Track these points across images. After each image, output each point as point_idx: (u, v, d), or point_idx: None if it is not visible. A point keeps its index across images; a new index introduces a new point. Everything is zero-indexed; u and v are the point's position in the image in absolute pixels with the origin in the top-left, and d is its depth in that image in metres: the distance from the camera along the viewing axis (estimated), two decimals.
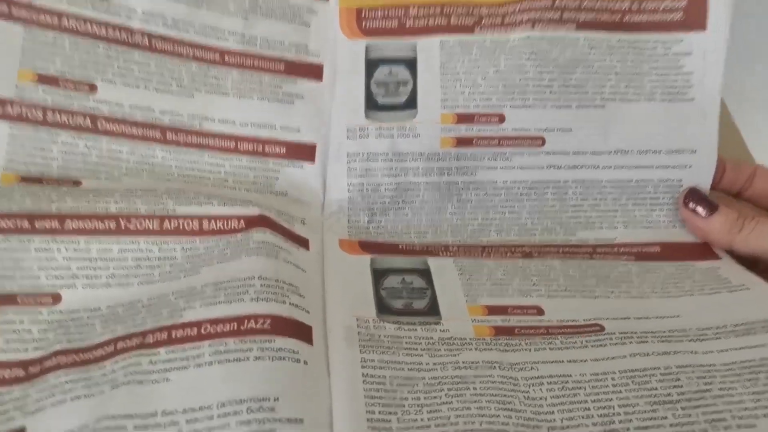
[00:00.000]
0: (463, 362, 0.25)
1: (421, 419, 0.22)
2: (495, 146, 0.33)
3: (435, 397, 0.23)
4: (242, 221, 0.29)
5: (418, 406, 0.23)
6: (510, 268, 0.30)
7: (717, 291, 0.29)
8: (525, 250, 0.32)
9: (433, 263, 0.30)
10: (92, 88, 0.30)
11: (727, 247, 0.32)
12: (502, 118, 0.32)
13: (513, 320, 0.27)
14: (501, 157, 0.33)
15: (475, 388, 0.23)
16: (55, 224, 0.27)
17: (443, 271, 0.30)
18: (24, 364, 0.24)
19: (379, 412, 0.23)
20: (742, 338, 0.26)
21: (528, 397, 0.23)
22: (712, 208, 0.32)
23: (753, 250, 0.31)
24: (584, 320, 0.27)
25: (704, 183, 0.33)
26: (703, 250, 0.32)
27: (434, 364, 0.25)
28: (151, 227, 0.28)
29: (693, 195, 0.33)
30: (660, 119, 0.33)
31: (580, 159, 0.33)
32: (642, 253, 0.32)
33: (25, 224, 0.26)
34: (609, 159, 0.33)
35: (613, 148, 0.33)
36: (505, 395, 0.23)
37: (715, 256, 0.32)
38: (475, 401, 0.23)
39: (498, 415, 0.22)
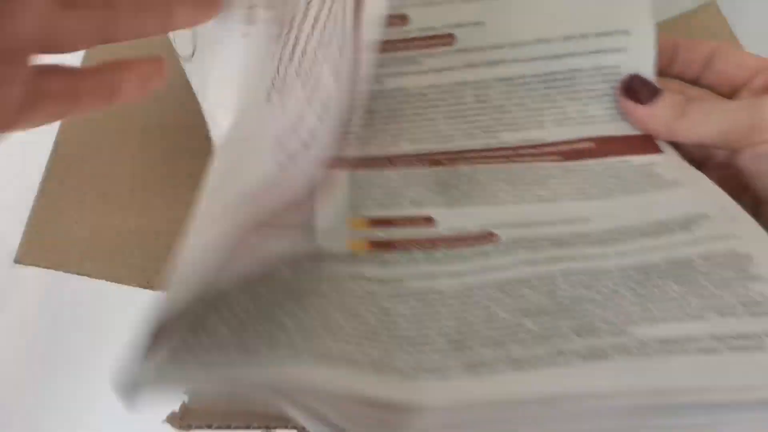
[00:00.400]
0: (327, 277, 0.22)
1: None
2: (402, 50, 0.29)
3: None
4: None
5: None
6: (411, 177, 0.27)
7: (643, 190, 0.25)
8: (434, 158, 0.28)
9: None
10: None
11: (671, 137, 0.27)
12: (404, 19, 0.29)
13: (396, 233, 0.24)
14: (410, 61, 0.29)
15: (330, 302, 0.21)
16: None
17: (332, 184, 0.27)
18: None
19: None
20: (652, 238, 0.22)
21: (387, 313, 0.21)
22: (654, 92, 0.28)
23: (699, 137, 0.26)
24: (477, 227, 0.24)
25: (646, 69, 0.28)
26: (644, 143, 0.28)
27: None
28: None
29: (632, 81, 0.28)
30: (583, 1, 0.29)
31: (499, 54, 0.29)
32: (572, 151, 0.28)
33: None
34: (531, 50, 0.29)
35: (534, 37, 0.29)
36: (359, 308, 0.21)
37: (657, 150, 0.27)
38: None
39: (344, 327, 0.20)
